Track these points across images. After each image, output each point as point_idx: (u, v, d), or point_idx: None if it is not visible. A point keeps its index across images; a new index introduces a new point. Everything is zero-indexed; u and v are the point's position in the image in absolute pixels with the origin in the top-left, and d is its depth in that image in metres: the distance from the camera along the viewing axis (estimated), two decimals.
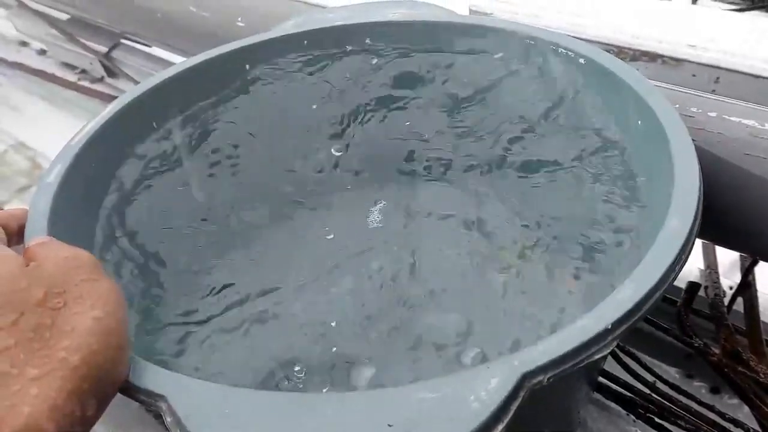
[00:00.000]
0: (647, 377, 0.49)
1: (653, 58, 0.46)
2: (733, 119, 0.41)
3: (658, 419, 0.46)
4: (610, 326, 0.25)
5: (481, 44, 0.48)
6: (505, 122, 0.51)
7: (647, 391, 0.48)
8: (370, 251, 0.51)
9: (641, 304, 0.26)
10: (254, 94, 0.51)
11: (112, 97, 1.03)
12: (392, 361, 0.43)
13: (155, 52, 1.04)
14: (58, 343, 0.22)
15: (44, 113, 1.07)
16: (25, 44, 1.26)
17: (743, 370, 0.46)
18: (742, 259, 0.58)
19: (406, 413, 0.22)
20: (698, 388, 0.53)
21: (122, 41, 1.06)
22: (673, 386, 0.48)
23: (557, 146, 0.48)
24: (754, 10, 1.01)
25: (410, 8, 0.51)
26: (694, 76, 0.45)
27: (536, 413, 0.29)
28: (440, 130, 0.54)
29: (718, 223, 0.42)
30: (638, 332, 0.53)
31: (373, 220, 0.54)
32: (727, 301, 0.53)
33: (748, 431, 0.45)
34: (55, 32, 1.11)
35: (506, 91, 0.49)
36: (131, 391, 0.25)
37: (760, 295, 0.54)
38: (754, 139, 0.40)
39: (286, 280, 0.49)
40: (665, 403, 0.46)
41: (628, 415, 0.48)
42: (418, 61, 0.51)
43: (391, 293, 0.48)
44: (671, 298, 0.53)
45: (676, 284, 0.29)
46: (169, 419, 0.23)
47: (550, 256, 0.48)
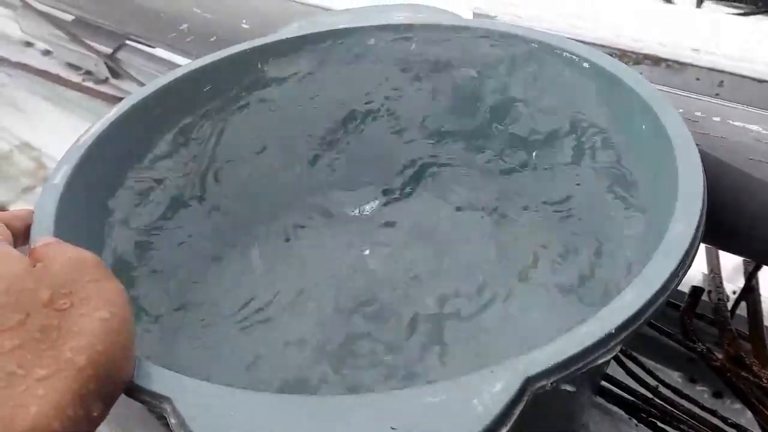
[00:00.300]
0: (650, 381, 0.49)
1: (656, 61, 0.46)
2: (737, 123, 0.41)
3: (660, 423, 0.46)
4: (613, 331, 0.25)
5: (484, 47, 0.48)
6: (506, 124, 0.51)
7: (650, 395, 0.47)
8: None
9: (645, 308, 0.26)
10: (260, 96, 0.51)
11: (116, 98, 1.04)
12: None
13: (160, 53, 1.04)
14: (64, 343, 0.22)
15: (48, 114, 1.07)
16: (29, 45, 1.26)
17: (746, 374, 0.46)
18: (745, 263, 0.58)
19: (410, 416, 0.22)
20: (701, 392, 0.53)
21: (127, 42, 1.06)
22: (675, 390, 0.48)
23: (559, 150, 0.48)
24: (758, 14, 1.01)
25: (414, 11, 0.51)
26: (697, 79, 0.45)
27: (539, 417, 0.29)
28: (443, 134, 0.54)
29: (721, 227, 0.42)
30: (641, 336, 0.53)
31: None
32: (730, 305, 0.53)
33: None
34: (59, 33, 1.11)
35: (508, 93, 0.49)
36: (136, 392, 0.25)
37: (763, 299, 0.54)
38: (758, 143, 0.40)
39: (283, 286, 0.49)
40: (668, 407, 0.46)
41: (630, 419, 0.48)
42: (421, 64, 0.51)
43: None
44: (674, 302, 0.53)
45: (679, 288, 0.29)
46: (173, 421, 0.23)
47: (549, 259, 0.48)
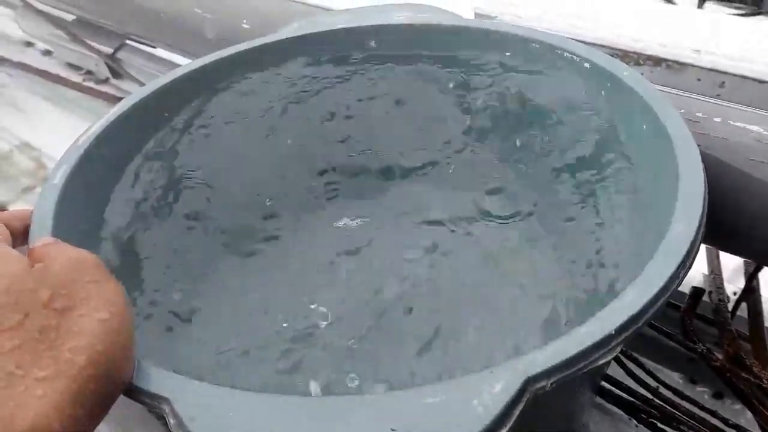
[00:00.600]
0: (650, 382, 0.49)
1: (657, 62, 0.46)
2: (737, 124, 0.41)
3: (660, 424, 0.46)
4: (614, 331, 0.25)
5: (486, 48, 0.48)
6: (507, 125, 0.51)
7: (650, 395, 0.47)
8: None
9: (645, 309, 0.26)
10: (260, 95, 0.51)
11: (116, 98, 1.04)
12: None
13: (160, 53, 1.04)
14: (63, 344, 0.22)
15: (49, 114, 1.07)
16: (30, 45, 1.26)
17: (746, 375, 0.46)
18: (746, 264, 0.58)
19: (409, 417, 0.22)
20: (701, 393, 0.53)
21: (127, 42, 1.06)
22: (675, 391, 0.48)
23: (559, 149, 0.48)
24: (759, 15, 1.01)
25: (415, 11, 0.51)
26: (698, 80, 0.45)
27: (539, 418, 0.29)
28: (446, 135, 0.54)
29: (722, 228, 0.42)
30: (642, 337, 0.53)
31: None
32: (730, 306, 0.53)
33: None
34: (60, 33, 1.11)
35: (509, 93, 0.49)
36: (135, 393, 0.25)
37: (764, 300, 0.54)
38: (758, 144, 0.40)
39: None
40: (668, 408, 0.46)
41: (630, 419, 0.48)
42: (423, 65, 0.51)
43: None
44: (675, 303, 0.53)
45: (680, 289, 0.29)
46: (172, 421, 0.23)
47: (547, 259, 0.48)
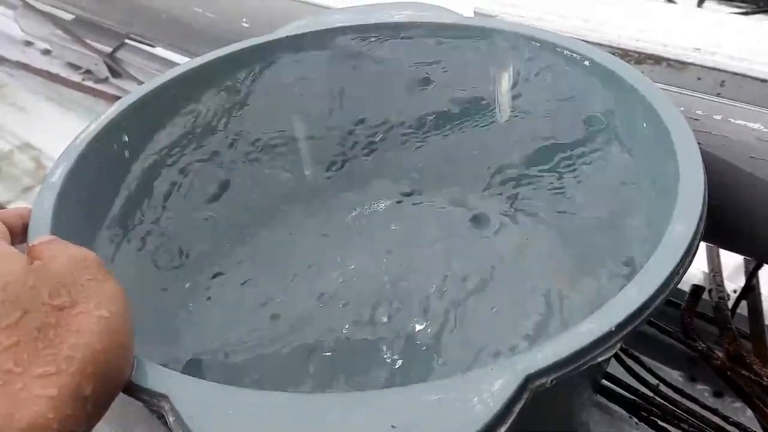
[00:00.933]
0: (650, 380, 0.49)
1: (658, 61, 0.46)
2: (738, 122, 0.41)
3: (661, 422, 0.46)
4: (613, 329, 0.25)
5: (487, 46, 0.48)
6: (508, 125, 0.51)
7: (650, 393, 0.47)
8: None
9: (645, 306, 0.26)
10: (258, 94, 0.51)
11: (116, 97, 1.04)
12: None
13: (159, 52, 1.04)
14: (62, 342, 0.22)
15: (49, 113, 1.07)
16: (29, 44, 1.26)
17: (747, 373, 0.46)
18: (746, 262, 0.58)
19: (409, 414, 0.22)
20: (701, 391, 0.53)
21: (127, 41, 1.06)
22: (676, 389, 0.48)
23: (560, 148, 0.48)
24: (759, 13, 1.01)
25: (416, 10, 0.51)
26: (699, 79, 0.44)
27: (539, 415, 0.29)
28: (446, 135, 0.54)
29: (722, 226, 0.42)
30: (642, 335, 0.53)
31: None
32: (731, 304, 0.53)
33: None
34: (59, 32, 1.11)
35: (510, 93, 0.49)
36: (134, 390, 0.25)
37: (764, 298, 0.54)
38: (759, 142, 0.40)
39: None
40: (668, 406, 0.46)
41: (630, 417, 0.48)
42: (423, 63, 0.51)
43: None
44: (675, 301, 0.53)
45: (680, 287, 0.29)
46: (171, 419, 0.23)
47: (549, 257, 0.48)
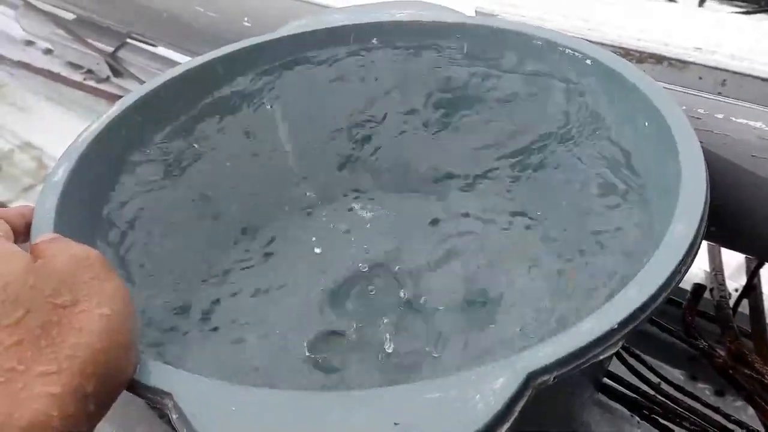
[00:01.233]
0: (652, 378, 0.49)
1: (659, 60, 0.46)
2: (740, 121, 0.41)
3: (662, 420, 0.46)
4: (615, 326, 0.25)
5: (488, 46, 0.48)
6: (509, 124, 0.51)
7: (652, 392, 0.47)
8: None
9: (647, 305, 0.26)
10: (259, 94, 0.51)
11: (117, 96, 1.04)
12: None
13: (161, 51, 1.04)
14: (65, 340, 0.22)
15: (50, 113, 1.07)
16: (30, 44, 1.26)
17: (748, 372, 0.46)
18: (747, 261, 0.58)
19: (411, 412, 0.22)
20: (702, 389, 0.53)
21: (128, 41, 1.06)
22: (677, 388, 0.48)
23: (561, 147, 0.48)
24: (760, 13, 1.01)
25: (417, 9, 0.51)
26: (700, 78, 0.45)
27: (541, 413, 0.29)
28: (447, 134, 0.54)
29: (724, 225, 0.42)
30: (643, 334, 0.53)
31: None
32: (732, 303, 0.53)
33: None
34: (60, 32, 1.11)
35: (511, 92, 0.49)
36: (137, 388, 0.25)
37: (765, 297, 0.54)
38: (760, 140, 0.40)
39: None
40: (669, 404, 0.46)
41: (632, 416, 0.48)
42: (425, 62, 0.51)
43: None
44: (676, 299, 0.53)
45: (681, 286, 0.29)
46: (175, 416, 0.23)
47: (552, 256, 0.48)
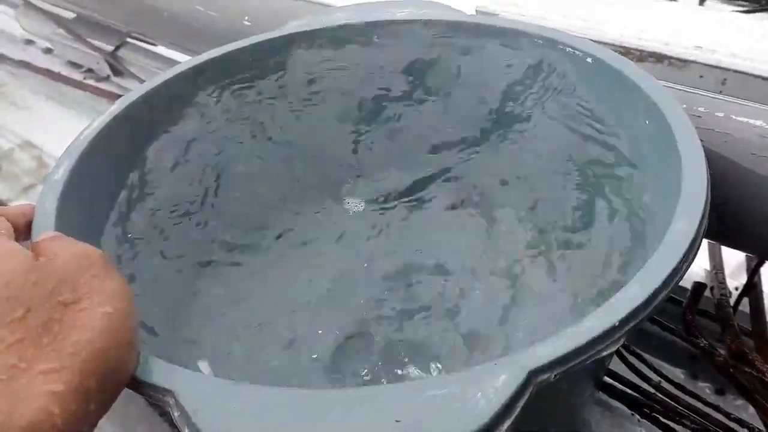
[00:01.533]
0: (652, 376, 0.49)
1: (660, 59, 0.46)
2: (740, 119, 0.41)
3: (663, 419, 0.46)
4: (616, 324, 0.25)
5: (489, 44, 0.48)
6: (510, 123, 0.51)
7: (652, 390, 0.47)
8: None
9: (648, 302, 0.26)
10: (260, 93, 0.51)
11: (117, 95, 1.04)
12: None
13: (161, 50, 1.04)
14: (67, 338, 0.22)
15: (50, 112, 1.07)
16: (30, 43, 1.26)
17: (749, 370, 0.46)
18: (748, 259, 0.58)
19: (414, 410, 0.22)
20: (703, 388, 0.53)
21: (128, 40, 1.06)
22: (678, 386, 0.48)
23: (563, 146, 0.48)
24: (761, 11, 1.01)
25: (418, 7, 0.51)
26: (701, 77, 0.45)
27: (542, 411, 0.29)
28: (448, 133, 0.54)
29: (724, 223, 0.42)
30: (643, 332, 0.53)
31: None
32: (732, 301, 0.53)
33: (753, 431, 0.44)
34: (61, 31, 1.11)
35: (511, 91, 0.49)
36: (139, 385, 0.25)
37: (766, 296, 0.54)
38: (761, 139, 0.40)
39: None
40: (670, 402, 0.46)
41: (632, 414, 0.48)
42: (425, 60, 0.51)
43: None
44: (677, 298, 0.53)
45: (681, 284, 0.29)
46: (176, 414, 0.23)
47: (552, 256, 0.48)
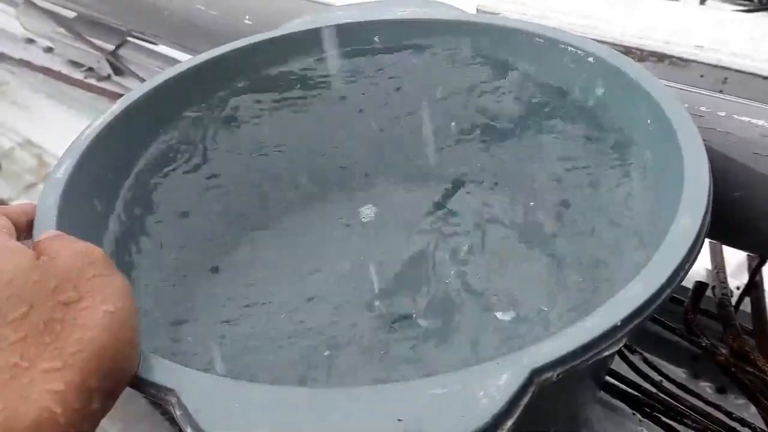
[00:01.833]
0: (654, 376, 0.49)
1: (661, 58, 0.46)
2: (742, 118, 0.41)
3: (664, 418, 0.46)
4: (619, 323, 0.25)
5: (490, 43, 0.48)
6: (510, 122, 0.51)
7: (654, 390, 0.47)
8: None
9: (650, 301, 0.26)
10: (260, 91, 0.51)
11: (118, 94, 1.04)
12: None
13: (162, 49, 1.04)
14: (68, 337, 0.22)
15: (51, 111, 1.07)
16: (31, 42, 1.26)
17: (750, 370, 0.46)
18: (749, 259, 0.58)
19: (416, 408, 0.22)
20: (704, 387, 0.53)
21: (129, 39, 1.06)
22: (679, 386, 0.48)
23: (565, 145, 0.48)
24: (761, 11, 1.01)
25: (419, 7, 0.51)
26: (702, 76, 0.45)
27: (544, 410, 0.29)
28: (449, 132, 0.54)
29: (726, 222, 0.42)
30: (645, 332, 0.53)
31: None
32: (734, 301, 0.53)
33: (755, 430, 0.44)
34: (61, 30, 1.11)
35: (511, 90, 0.49)
36: (141, 384, 0.25)
37: (767, 295, 0.54)
38: (763, 138, 0.40)
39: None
40: (672, 402, 0.46)
41: (634, 414, 0.48)
42: (426, 59, 0.51)
43: None
44: (678, 297, 0.53)
45: (683, 284, 0.29)
46: (178, 413, 0.23)
47: (552, 254, 0.48)
